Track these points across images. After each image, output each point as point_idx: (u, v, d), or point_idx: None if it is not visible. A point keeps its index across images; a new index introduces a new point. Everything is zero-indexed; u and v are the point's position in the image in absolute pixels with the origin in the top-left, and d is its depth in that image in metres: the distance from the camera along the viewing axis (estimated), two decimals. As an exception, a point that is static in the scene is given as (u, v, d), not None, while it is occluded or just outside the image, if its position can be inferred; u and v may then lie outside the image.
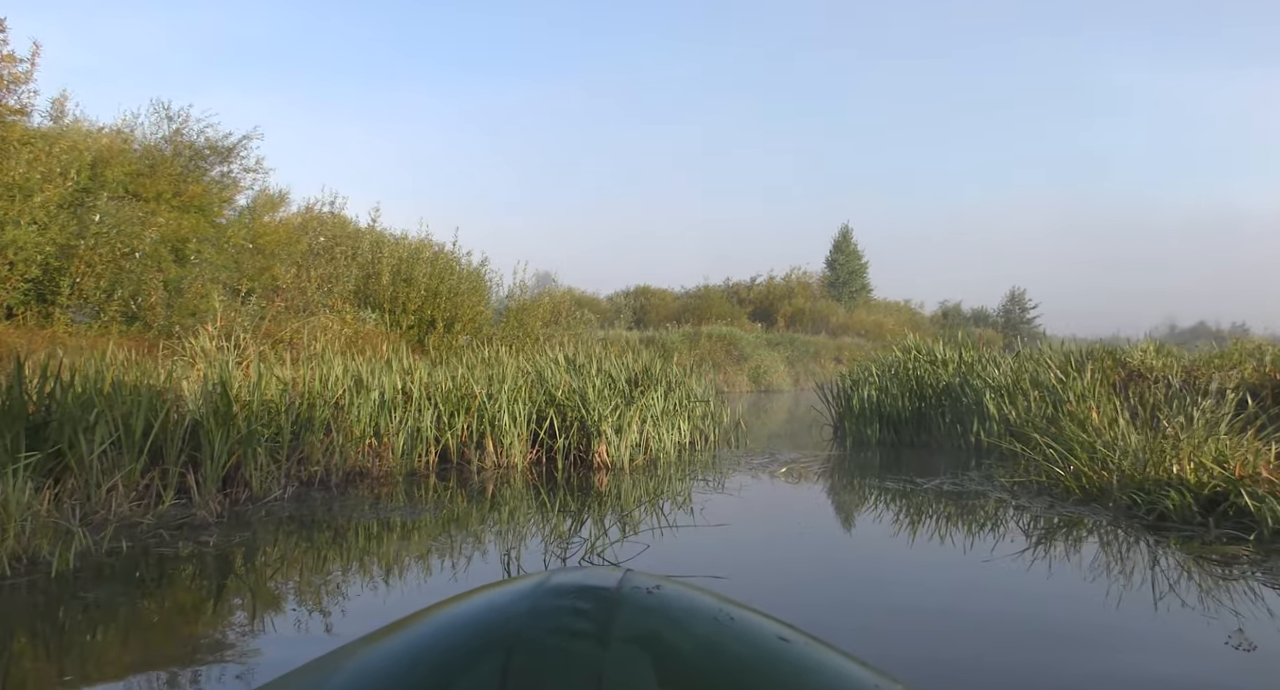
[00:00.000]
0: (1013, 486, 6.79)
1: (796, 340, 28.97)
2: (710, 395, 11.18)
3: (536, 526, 5.84)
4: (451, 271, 18.07)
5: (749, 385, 24.80)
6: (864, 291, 43.00)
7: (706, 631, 0.66)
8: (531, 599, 0.67)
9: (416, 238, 19.11)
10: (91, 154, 14.29)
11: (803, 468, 8.38)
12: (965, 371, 10.04)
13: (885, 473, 8.33)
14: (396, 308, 17.38)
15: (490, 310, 17.90)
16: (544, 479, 7.64)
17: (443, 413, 8.00)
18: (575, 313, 20.25)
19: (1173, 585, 4.08)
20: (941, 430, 9.90)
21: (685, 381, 10.74)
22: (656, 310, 38.32)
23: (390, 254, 17.66)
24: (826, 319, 37.21)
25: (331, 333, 13.58)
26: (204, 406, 6.00)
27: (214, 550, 4.71)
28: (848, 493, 7.35)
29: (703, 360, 24.44)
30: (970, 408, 9.66)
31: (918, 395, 10.29)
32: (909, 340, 11.37)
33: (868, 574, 4.56)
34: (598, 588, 0.68)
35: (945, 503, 6.42)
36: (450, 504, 6.42)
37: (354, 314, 15.20)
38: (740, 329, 28.31)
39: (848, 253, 43.23)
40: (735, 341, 25.71)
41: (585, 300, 37.68)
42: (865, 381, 10.83)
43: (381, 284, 17.35)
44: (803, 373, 27.18)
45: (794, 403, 21.36)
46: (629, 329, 30.63)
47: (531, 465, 8.19)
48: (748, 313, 37.80)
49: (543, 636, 0.62)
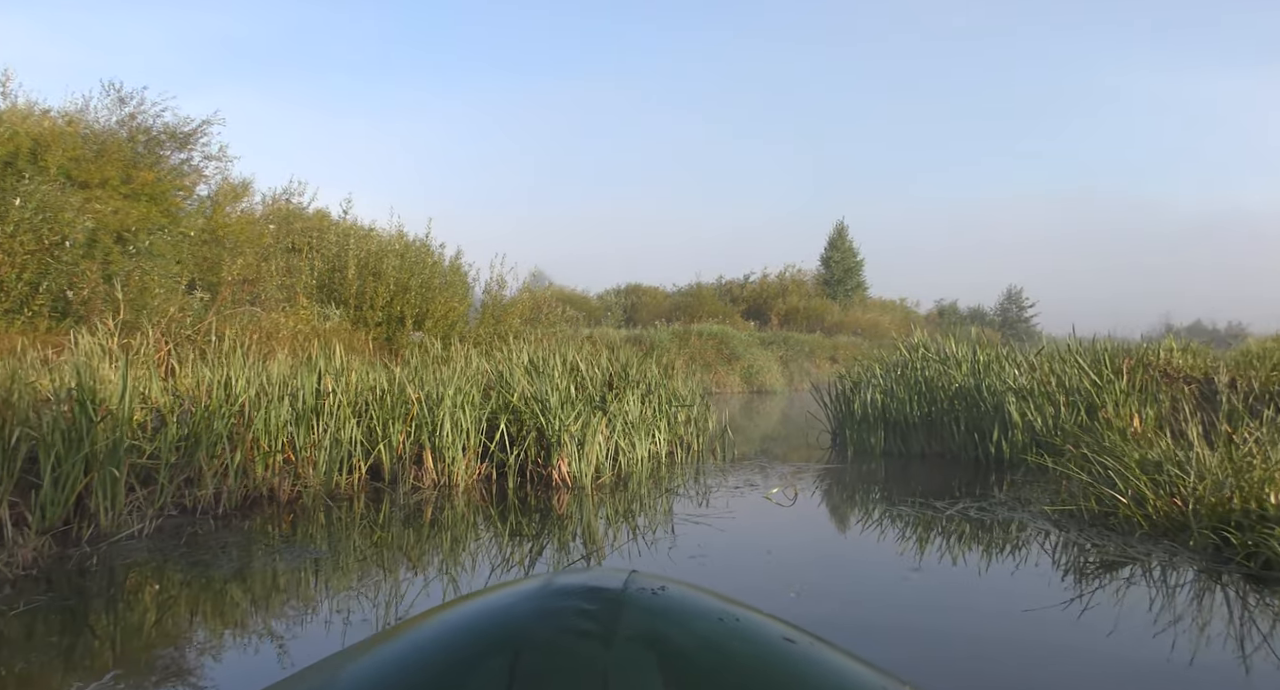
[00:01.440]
0: (1055, 514, 5.53)
1: (791, 339, 27.69)
2: (696, 398, 9.92)
3: (469, 561, 4.59)
4: (424, 265, 16.81)
5: (741, 386, 23.55)
6: (859, 289, 41.72)
7: (711, 631, 0.66)
8: (538, 600, 0.67)
9: (388, 230, 17.84)
10: (31, 138, 13.03)
11: (798, 484, 7.14)
12: (981, 372, 8.79)
13: (894, 492, 7.07)
14: (363, 304, 16.13)
15: (465, 307, 16.61)
16: (494, 499, 6.39)
17: (376, 422, 6.73)
18: (558, 310, 18.97)
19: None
20: (955, 440, 8.65)
21: (668, 383, 9.49)
22: (648, 308, 37.09)
23: (357, 246, 16.37)
24: (821, 317, 35.96)
25: (285, 330, 12.31)
26: (50, 418, 4.72)
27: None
28: (851, 520, 6.10)
29: (692, 360, 23.17)
30: (988, 414, 8.41)
31: (927, 399, 9.04)
32: (915, 337, 10.12)
33: (881, 636, 3.30)
34: (603, 589, 0.67)
35: (974, 535, 5.16)
36: (369, 534, 5.15)
37: (312, 310, 13.89)
38: (732, 327, 27.04)
39: (843, 250, 41.95)
40: (727, 340, 24.45)
41: (574, 298, 36.43)
42: (867, 383, 9.57)
43: (347, 278, 16.09)
44: (797, 373, 25.92)
45: (788, 405, 20.11)
46: (618, 327, 29.34)
47: (480, 483, 6.92)
48: (741, 311, 36.54)
49: (549, 637, 0.62)
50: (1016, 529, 5.26)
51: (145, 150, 16.14)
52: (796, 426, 13.02)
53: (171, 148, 16.95)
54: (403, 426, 6.75)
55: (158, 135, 16.57)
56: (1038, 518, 5.49)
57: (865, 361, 10.59)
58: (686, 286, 38.90)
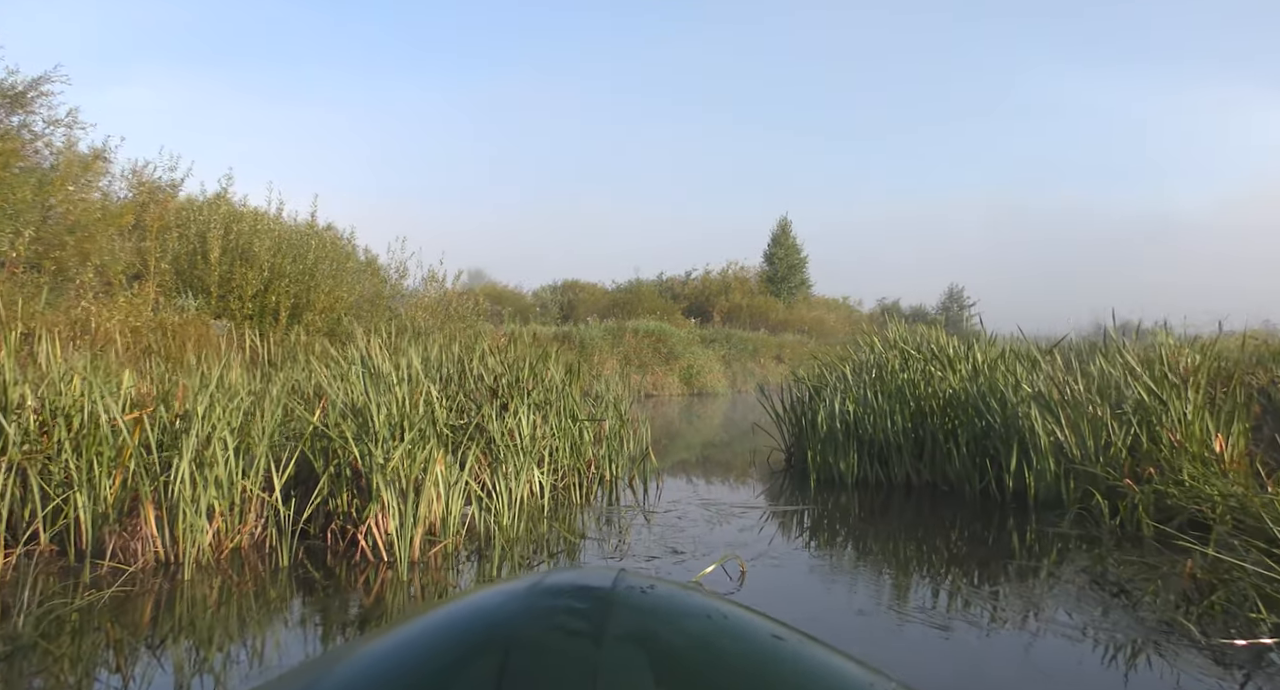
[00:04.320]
0: (1238, 640, 3.15)
1: (734, 336, 25.37)
2: (613, 407, 7.41)
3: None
4: (304, 249, 13.98)
5: (680, 388, 21.13)
6: (803, 287, 39.75)
7: (700, 629, 0.64)
8: (527, 599, 0.66)
9: (266, 210, 14.92)
10: None
11: (745, 544, 4.69)
12: (986, 375, 6.47)
13: (889, 556, 4.66)
14: (230, 292, 13.25)
15: (353, 297, 13.78)
16: (259, 583, 3.80)
17: (75, 464, 4.06)
18: (468, 303, 16.24)
19: None
20: (955, 465, 6.30)
21: (572, 389, 6.97)
22: (585, 305, 34.56)
23: (218, 224, 13.47)
24: (765, 315, 33.82)
25: (100, 323, 9.49)
26: None
27: None
28: (834, 622, 3.64)
29: (627, 360, 20.68)
30: (997, 431, 6.09)
31: (914, 410, 6.69)
32: (892, 329, 7.77)
33: None
34: (592, 587, 0.66)
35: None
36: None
37: (141, 298, 10.95)
38: (671, 324, 24.61)
39: (787, 246, 39.91)
40: (665, 338, 22.01)
41: (506, 294, 33.72)
42: (834, 388, 7.17)
43: (210, 262, 13.19)
44: (740, 373, 23.63)
45: (731, 409, 17.75)
46: (552, 324, 26.65)
47: (252, 551, 4.30)
48: (682, 309, 34.24)
49: (538, 636, 0.60)
50: (1153, 665, 2.85)
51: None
52: (742, 439, 10.62)
53: (2, 108, 13.77)
54: (114, 473, 4.09)
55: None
56: (1178, 640, 3.09)
57: (826, 360, 8.22)
58: (626, 283, 36.52)
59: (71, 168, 15.03)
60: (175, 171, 16.92)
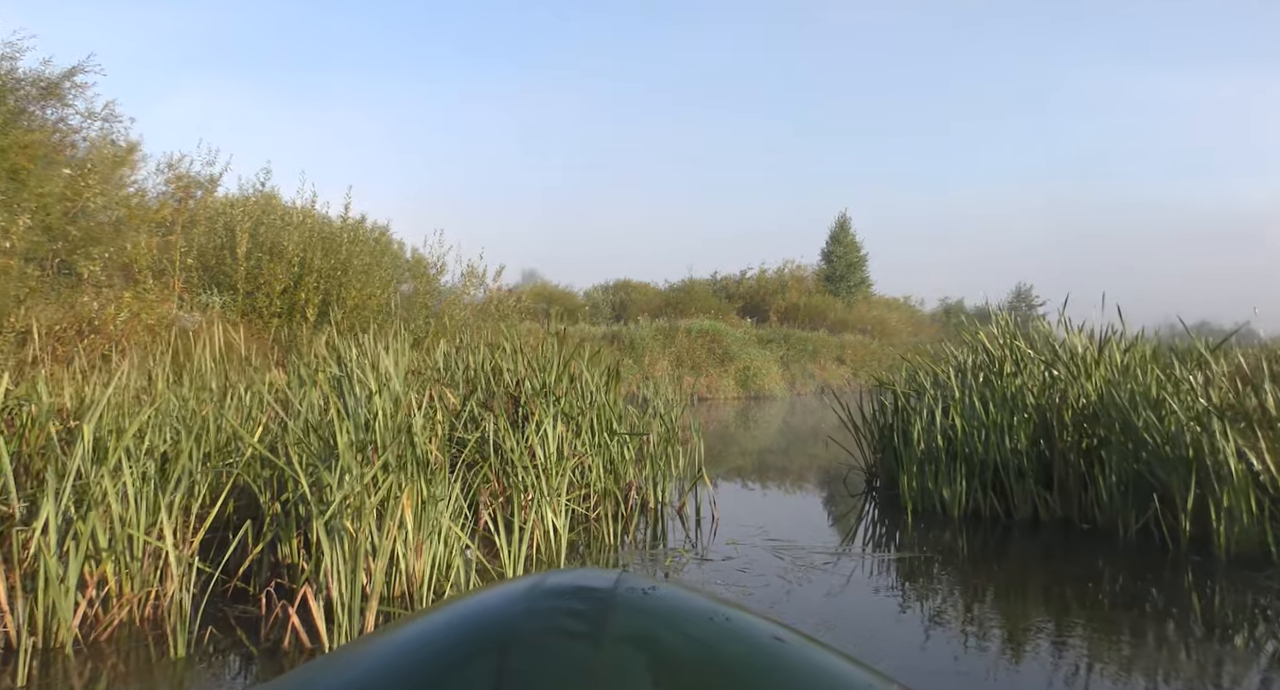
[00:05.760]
0: None
1: (792, 336, 23.78)
2: (661, 417, 6.10)
3: None
4: (337, 242, 13.04)
5: (736, 390, 19.70)
6: (863, 285, 37.79)
7: (702, 631, 0.63)
8: (527, 599, 0.64)
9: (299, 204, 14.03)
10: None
11: (835, 619, 3.33)
12: (1140, 382, 4.96)
13: (1049, 649, 3.25)
14: (258, 289, 12.35)
15: (387, 295, 12.75)
16: (145, 680, 2.62)
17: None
18: (509, 301, 15.11)
19: None
20: (1103, 498, 4.81)
21: (611, 395, 5.70)
22: (638, 305, 33.33)
23: (245, 216, 12.60)
24: (824, 315, 32.06)
25: (108, 320, 8.64)
26: None
27: None
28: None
29: (679, 361, 19.35)
30: (1158, 451, 4.59)
31: (1036, 424, 5.22)
32: (996, 323, 6.29)
33: None
34: (593, 588, 0.64)
35: None
36: None
37: (154, 294, 10.07)
38: (726, 324, 23.19)
39: (845, 244, 37.99)
40: (719, 338, 20.59)
41: (557, 294, 32.68)
42: (935, 396, 5.74)
43: (237, 257, 12.31)
44: (799, 375, 22.08)
45: (790, 413, 16.28)
46: (608, 324, 25.45)
47: (148, 628, 3.12)
48: (737, 309, 32.76)
49: (538, 636, 0.58)
50: None
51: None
52: (801, 445, 9.21)
53: (36, 102, 13.12)
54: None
55: (9, 82, 12.67)
56: None
57: (918, 362, 6.77)
58: (679, 282, 35.18)
59: (106, 163, 14.29)
60: (214, 166, 16.19)
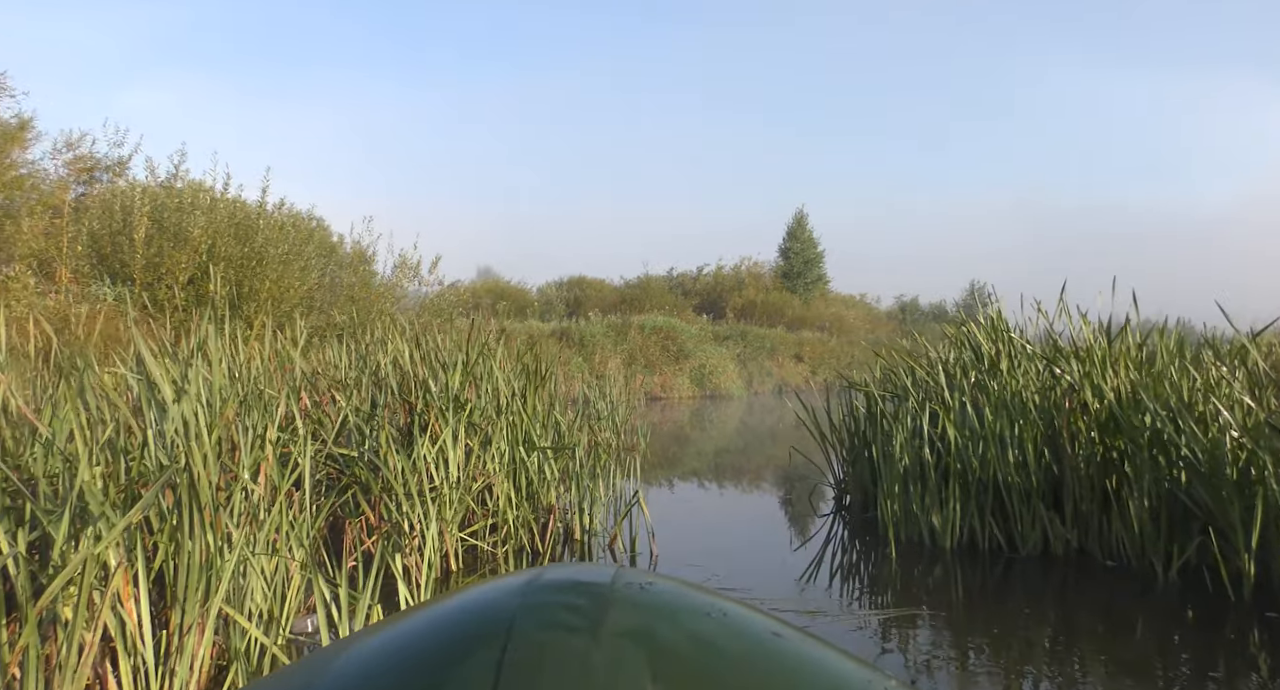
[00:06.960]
0: None
1: (749, 333, 22.91)
2: (601, 424, 5.03)
3: None
4: (251, 228, 11.71)
5: (691, 389, 18.74)
6: (821, 282, 37.20)
7: (699, 627, 0.62)
8: (524, 594, 0.63)
9: (211, 187, 12.61)
10: None
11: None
12: (1173, 382, 4.05)
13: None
14: (158, 280, 10.99)
15: (306, 286, 11.46)
16: None
17: None
18: (447, 296, 13.91)
19: None
20: (1135, 533, 3.88)
21: (532, 398, 4.62)
22: (592, 302, 32.18)
23: (143, 200, 11.21)
24: (781, 312, 31.31)
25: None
26: None
27: None
28: None
29: (632, 358, 18.31)
30: (1201, 471, 3.67)
31: (1042, 434, 4.29)
32: (991, 313, 5.37)
33: None
34: (591, 583, 0.64)
35: None
36: None
37: (21, 283, 8.73)
38: (681, 320, 22.22)
39: (803, 240, 37.35)
40: (674, 334, 19.61)
41: (509, 291, 31.43)
42: (918, 398, 4.77)
43: (134, 242, 10.93)
44: (757, 373, 21.21)
45: (747, 413, 15.35)
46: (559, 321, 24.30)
47: None
48: (693, 306, 31.85)
49: (535, 631, 0.58)
50: None
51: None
52: (759, 448, 8.23)
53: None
54: None
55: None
56: None
57: (894, 359, 5.82)
58: (635, 279, 34.17)
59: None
60: (122, 147, 14.63)
